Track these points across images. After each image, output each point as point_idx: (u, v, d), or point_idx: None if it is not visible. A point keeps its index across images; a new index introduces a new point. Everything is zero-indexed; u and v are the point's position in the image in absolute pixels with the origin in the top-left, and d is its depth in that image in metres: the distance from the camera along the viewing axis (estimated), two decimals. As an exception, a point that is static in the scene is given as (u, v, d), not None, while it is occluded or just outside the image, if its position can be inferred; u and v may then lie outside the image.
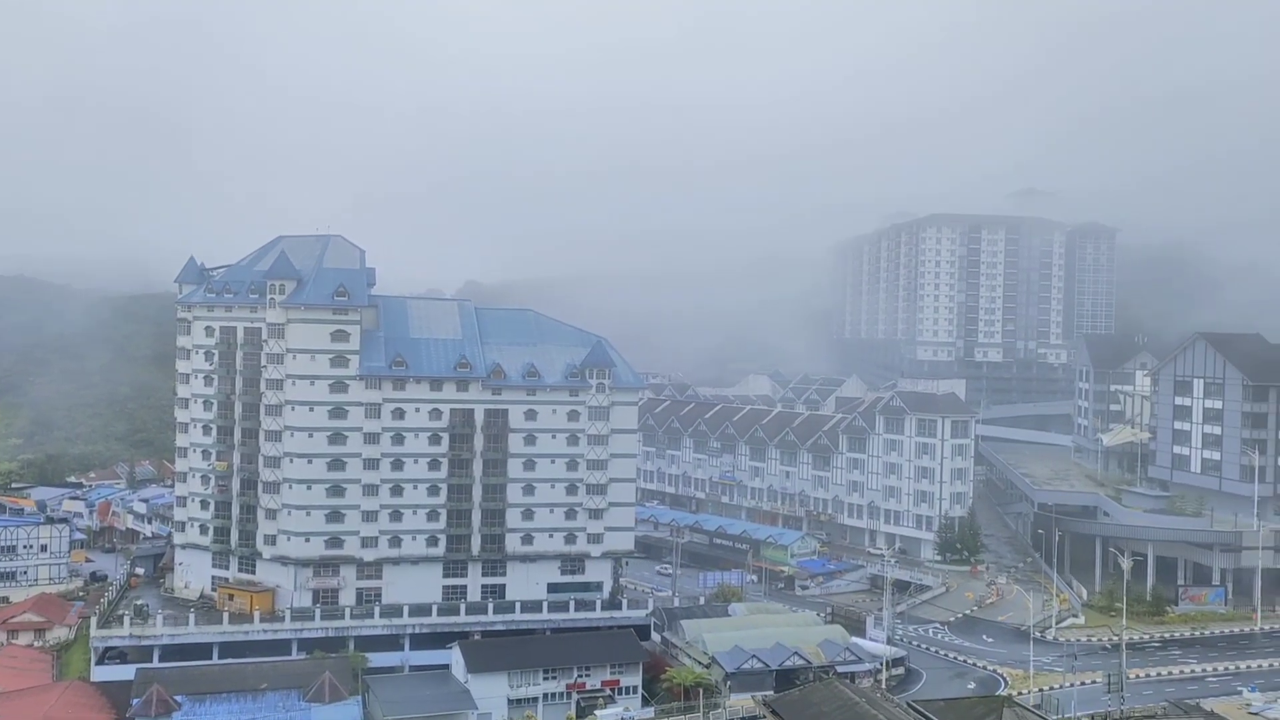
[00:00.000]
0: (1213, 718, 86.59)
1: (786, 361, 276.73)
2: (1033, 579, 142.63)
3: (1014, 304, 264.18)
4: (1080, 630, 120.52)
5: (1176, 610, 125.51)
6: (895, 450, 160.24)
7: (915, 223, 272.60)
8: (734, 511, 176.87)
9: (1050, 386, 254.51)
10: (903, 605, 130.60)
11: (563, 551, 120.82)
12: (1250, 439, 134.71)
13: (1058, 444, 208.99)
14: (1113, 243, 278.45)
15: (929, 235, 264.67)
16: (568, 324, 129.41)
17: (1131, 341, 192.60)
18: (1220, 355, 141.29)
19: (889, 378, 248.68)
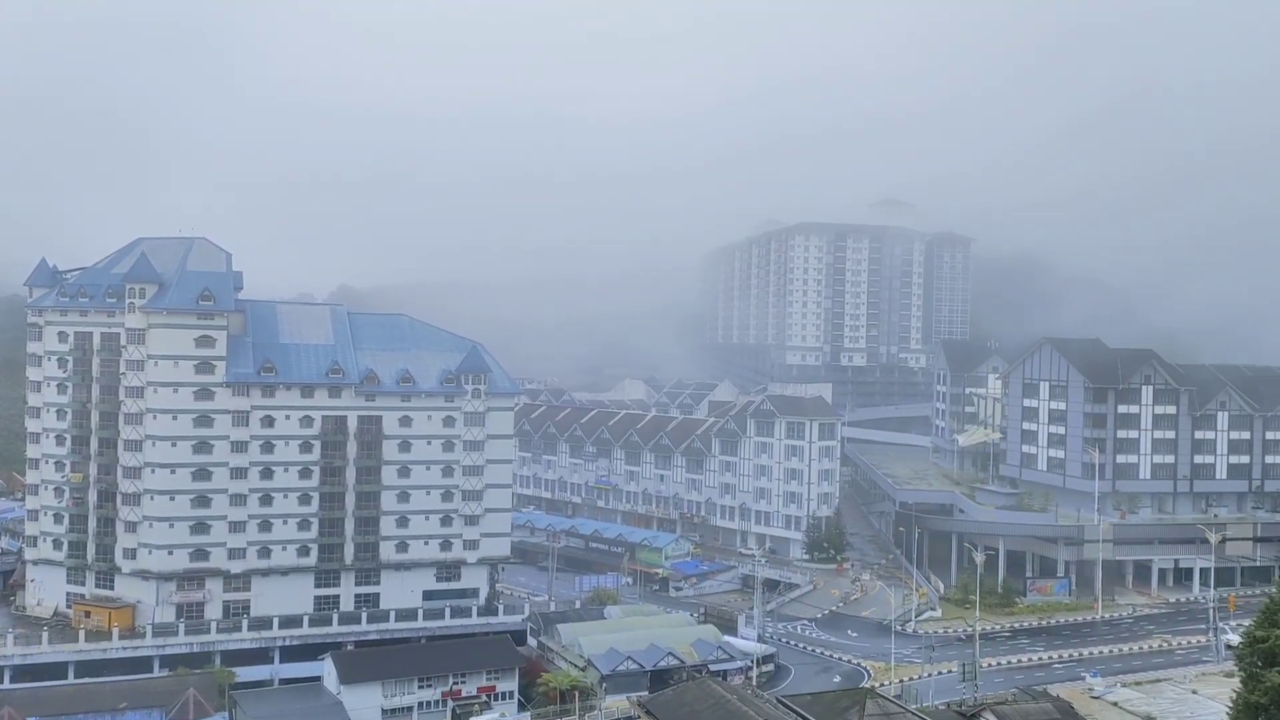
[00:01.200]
0: (1058, 702, 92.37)
1: (662, 367, 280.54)
2: (894, 575, 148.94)
3: (877, 310, 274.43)
4: (938, 623, 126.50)
5: (1025, 601, 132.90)
6: (765, 453, 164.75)
7: (784, 231, 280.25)
8: (610, 515, 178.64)
9: (911, 389, 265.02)
10: (773, 603, 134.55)
11: (438, 558, 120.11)
12: (1091, 438, 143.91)
13: (918, 445, 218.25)
14: (968, 252, 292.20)
15: (797, 243, 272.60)
16: (444, 330, 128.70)
17: (985, 346, 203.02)
18: (1064, 359, 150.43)
19: (760, 382, 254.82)
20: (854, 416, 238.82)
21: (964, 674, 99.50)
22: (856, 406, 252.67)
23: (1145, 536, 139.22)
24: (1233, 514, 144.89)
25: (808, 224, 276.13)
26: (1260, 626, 74.19)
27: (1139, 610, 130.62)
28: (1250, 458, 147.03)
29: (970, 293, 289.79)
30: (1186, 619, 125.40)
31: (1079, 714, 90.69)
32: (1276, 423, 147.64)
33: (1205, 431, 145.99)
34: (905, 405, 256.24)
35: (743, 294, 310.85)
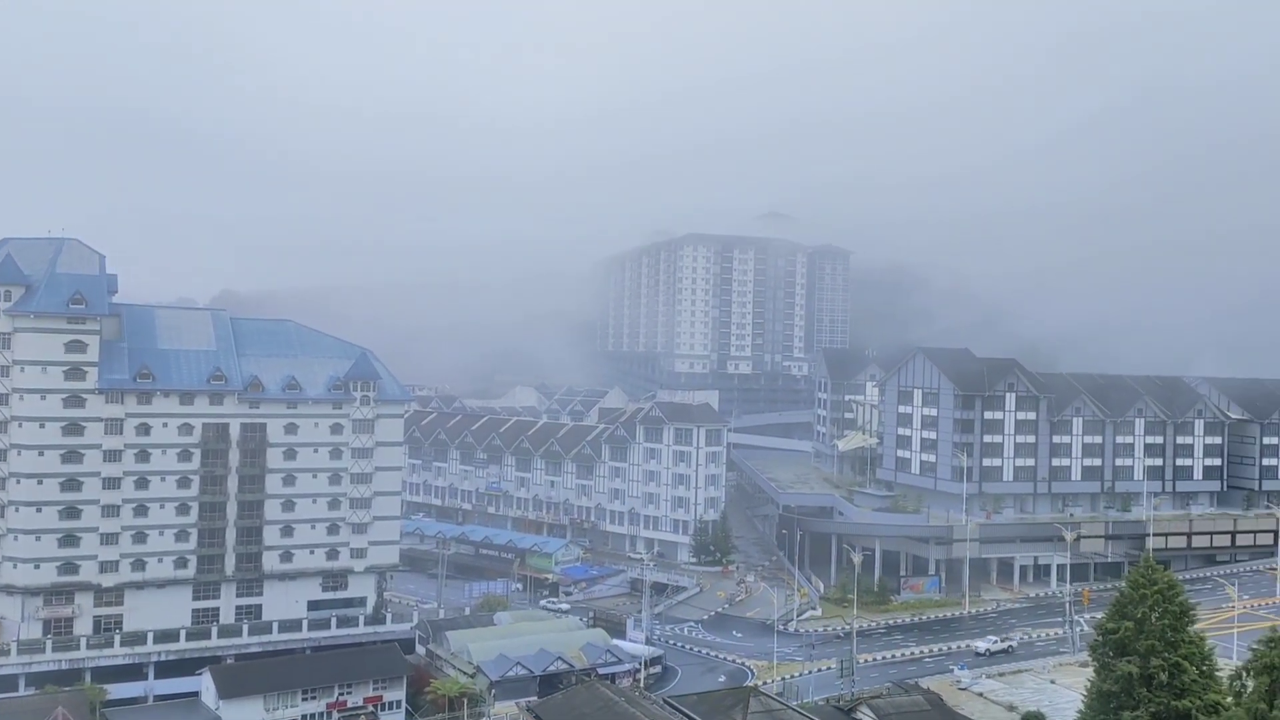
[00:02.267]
0: (929, 695, 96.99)
1: (553, 374, 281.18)
2: (778, 576, 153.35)
3: (762, 319, 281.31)
4: (818, 621, 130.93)
5: (899, 599, 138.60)
6: (654, 459, 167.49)
7: (674, 241, 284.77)
8: (500, 522, 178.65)
9: (794, 396, 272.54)
10: (660, 606, 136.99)
11: (324, 568, 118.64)
12: (959, 443, 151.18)
13: (801, 450, 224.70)
14: (847, 264, 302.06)
15: (686, 253, 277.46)
16: (331, 335, 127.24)
17: (863, 355, 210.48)
18: (935, 368, 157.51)
19: (650, 389, 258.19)
20: (740, 423, 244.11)
21: (842, 670, 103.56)
22: (742, 413, 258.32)
23: (1008, 535, 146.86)
24: (1086, 513, 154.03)
25: (696, 235, 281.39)
26: (1111, 619, 79.60)
27: (1003, 605, 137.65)
28: (1102, 460, 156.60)
29: (850, 303, 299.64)
30: (1045, 612, 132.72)
31: (948, 705, 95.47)
32: (1125, 428, 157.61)
33: (1062, 436, 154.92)
34: (789, 412, 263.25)
35: (633, 302, 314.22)
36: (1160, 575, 79.24)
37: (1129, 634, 76.99)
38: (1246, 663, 78.21)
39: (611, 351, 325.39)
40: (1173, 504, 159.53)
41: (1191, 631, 77.40)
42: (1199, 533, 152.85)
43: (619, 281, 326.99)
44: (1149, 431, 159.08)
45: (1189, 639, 76.51)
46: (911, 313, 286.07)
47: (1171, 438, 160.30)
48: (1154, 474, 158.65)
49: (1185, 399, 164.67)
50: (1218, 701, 74.73)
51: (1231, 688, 77.34)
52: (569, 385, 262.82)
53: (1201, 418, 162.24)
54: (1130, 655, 76.20)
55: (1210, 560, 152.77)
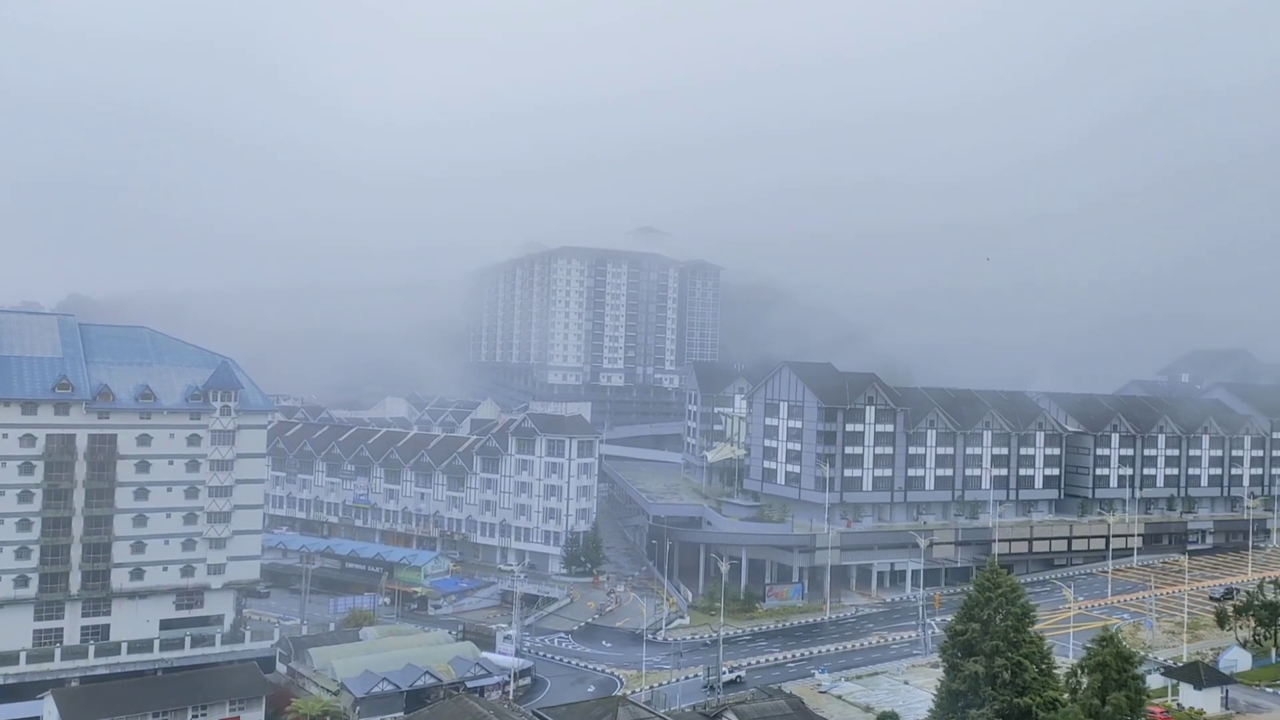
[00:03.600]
0: (791, 698, 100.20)
1: (425, 385, 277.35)
2: (647, 585, 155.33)
3: (635, 332, 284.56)
4: (686, 629, 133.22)
5: (764, 606, 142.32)
6: (526, 470, 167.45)
7: (548, 254, 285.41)
8: (368, 535, 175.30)
9: (665, 409, 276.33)
10: (531, 618, 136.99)
11: (179, 585, 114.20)
12: (823, 454, 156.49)
13: (671, 461, 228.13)
14: (718, 280, 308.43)
15: (560, 266, 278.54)
16: (190, 343, 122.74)
17: (732, 369, 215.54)
18: (800, 381, 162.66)
19: (522, 401, 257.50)
20: (612, 434, 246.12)
21: (708, 677, 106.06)
22: (614, 425, 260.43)
23: (867, 543, 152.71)
24: (939, 521, 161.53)
25: (570, 248, 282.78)
26: (960, 621, 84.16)
27: (861, 610, 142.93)
28: (953, 470, 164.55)
29: (720, 318, 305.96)
30: (900, 616, 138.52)
31: (808, 708, 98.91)
32: (974, 439, 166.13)
33: (917, 447, 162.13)
34: (660, 423, 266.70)
35: (507, 313, 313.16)
36: (1004, 579, 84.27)
37: (976, 635, 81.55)
38: (1081, 661, 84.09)
39: (485, 363, 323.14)
40: (1016, 511, 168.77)
41: (1032, 632, 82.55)
42: (1039, 538, 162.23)
43: (492, 292, 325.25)
44: (995, 443, 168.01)
45: (1030, 639, 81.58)
46: (779, 328, 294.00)
47: (1015, 449, 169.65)
48: (1000, 483, 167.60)
49: (1027, 413, 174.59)
50: (1055, 698, 79.86)
51: (1068, 684, 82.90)
52: (441, 396, 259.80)
53: (1042, 430, 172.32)
54: (977, 655, 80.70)
55: (1049, 564, 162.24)
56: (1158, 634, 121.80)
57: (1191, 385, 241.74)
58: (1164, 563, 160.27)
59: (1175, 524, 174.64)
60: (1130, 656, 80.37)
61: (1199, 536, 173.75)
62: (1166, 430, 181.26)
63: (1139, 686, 79.34)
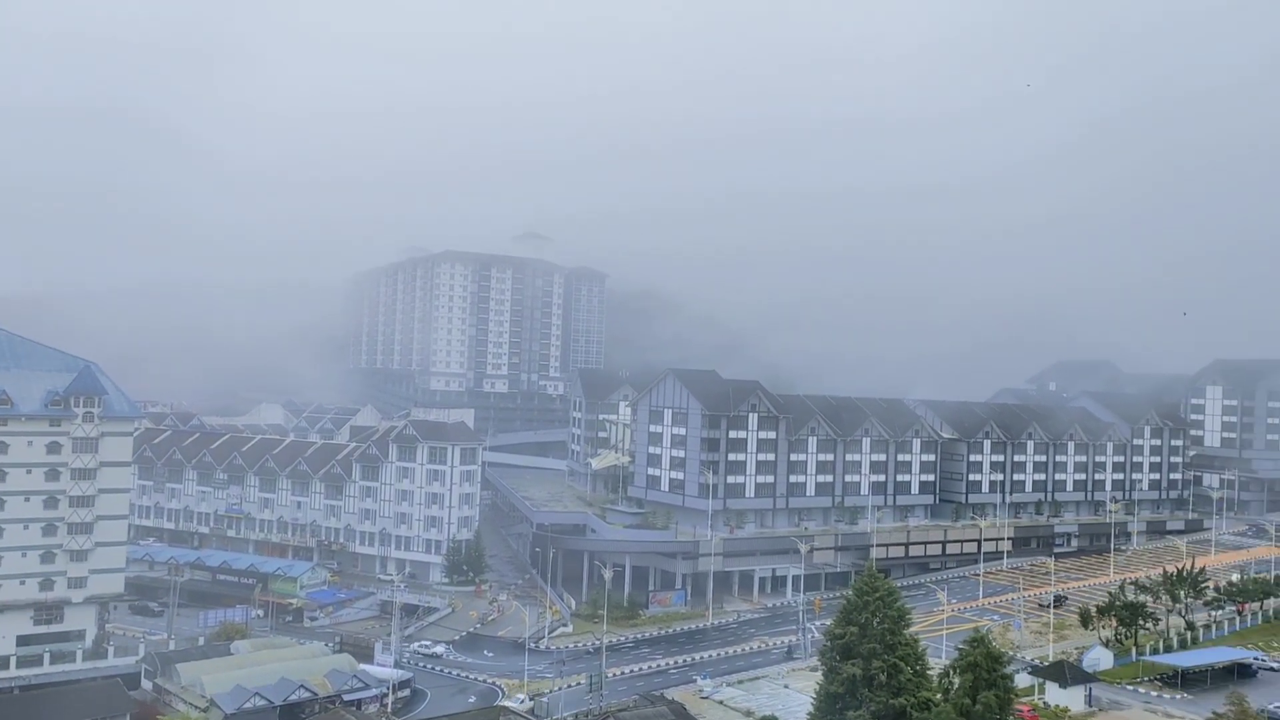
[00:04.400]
0: (673, 705, 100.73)
1: (302, 391, 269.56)
2: (530, 594, 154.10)
3: (519, 339, 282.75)
4: (569, 638, 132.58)
5: (648, 613, 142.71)
6: (407, 478, 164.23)
7: (431, 258, 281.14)
8: (241, 545, 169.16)
9: (550, 415, 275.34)
10: (411, 628, 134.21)
11: (37, 599, 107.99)
12: (706, 461, 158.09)
13: (555, 468, 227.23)
14: (604, 287, 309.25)
15: (444, 270, 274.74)
16: (50, 346, 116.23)
17: (617, 376, 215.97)
18: (685, 389, 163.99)
19: (404, 407, 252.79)
20: (496, 441, 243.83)
21: (591, 685, 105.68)
22: (498, 432, 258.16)
23: (749, 549, 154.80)
24: (819, 527, 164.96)
25: (454, 252, 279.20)
26: (839, 625, 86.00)
27: (743, 615, 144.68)
28: (833, 477, 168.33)
29: (606, 325, 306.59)
30: (782, 621, 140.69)
31: (690, 714, 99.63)
32: (854, 446, 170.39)
33: (799, 454, 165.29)
34: (544, 430, 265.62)
35: (389, 318, 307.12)
36: (881, 583, 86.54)
37: (854, 638, 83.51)
38: (954, 661, 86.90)
39: (365, 368, 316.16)
40: (893, 516, 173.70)
41: (908, 634, 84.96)
42: (915, 543, 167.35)
43: (373, 296, 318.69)
44: (874, 450, 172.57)
45: (905, 641, 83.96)
46: (665, 336, 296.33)
47: (893, 455, 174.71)
48: (878, 489, 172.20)
49: (905, 420, 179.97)
50: (929, 698, 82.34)
51: (941, 685, 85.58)
52: (319, 403, 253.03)
53: (919, 437, 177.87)
54: (854, 658, 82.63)
55: (925, 568, 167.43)
56: (1026, 634, 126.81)
57: (1059, 394, 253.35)
58: (1032, 565, 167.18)
59: (1043, 527, 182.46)
60: (999, 657, 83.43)
61: (1065, 539, 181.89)
62: (1035, 437, 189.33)
63: (1008, 685, 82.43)
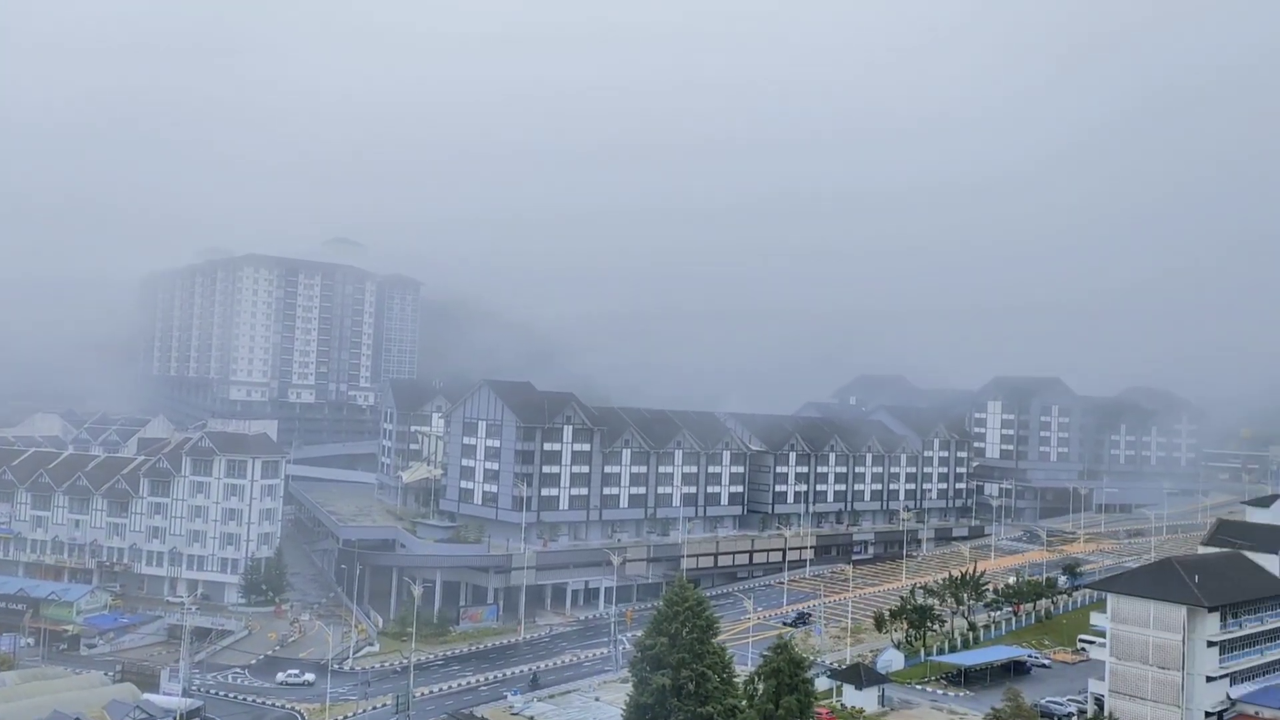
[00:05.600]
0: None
1: (84, 399, 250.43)
2: (335, 613, 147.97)
3: (328, 347, 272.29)
4: (376, 657, 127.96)
5: (458, 629, 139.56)
6: (202, 493, 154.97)
7: (232, 261, 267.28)
8: (10, 568, 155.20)
9: (359, 427, 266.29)
10: (203, 653, 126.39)
11: None
12: (520, 473, 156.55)
13: (364, 482, 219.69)
14: (417, 294, 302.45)
15: (247, 274, 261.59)
16: None
17: (431, 386, 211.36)
18: (500, 400, 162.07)
19: (200, 418, 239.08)
20: (301, 454, 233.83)
21: (398, 705, 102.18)
22: (304, 444, 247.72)
23: (563, 562, 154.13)
24: (632, 538, 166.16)
25: (258, 256, 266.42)
26: (649, 635, 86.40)
27: (555, 629, 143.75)
28: (646, 488, 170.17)
29: (420, 334, 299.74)
30: (594, 633, 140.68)
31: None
32: (667, 458, 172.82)
33: (613, 466, 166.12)
34: (353, 443, 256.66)
35: (184, 323, 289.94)
36: (690, 593, 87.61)
37: (664, 649, 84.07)
38: (758, 668, 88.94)
39: (157, 376, 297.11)
40: (704, 527, 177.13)
41: (716, 643, 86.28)
42: (724, 553, 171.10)
43: (167, 300, 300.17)
44: (686, 462, 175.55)
45: (713, 650, 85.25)
46: (481, 346, 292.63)
47: (704, 467, 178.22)
48: (689, 500, 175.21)
49: (716, 433, 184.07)
50: (735, 705, 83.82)
51: (746, 691, 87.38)
52: (103, 413, 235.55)
53: (728, 449, 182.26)
54: (664, 669, 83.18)
55: (733, 577, 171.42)
56: (826, 639, 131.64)
57: (859, 408, 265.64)
58: (832, 572, 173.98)
59: (842, 536, 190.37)
60: (801, 662, 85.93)
61: (862, 547, 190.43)
62: (837, 449, 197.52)
63: (808, 690, 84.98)
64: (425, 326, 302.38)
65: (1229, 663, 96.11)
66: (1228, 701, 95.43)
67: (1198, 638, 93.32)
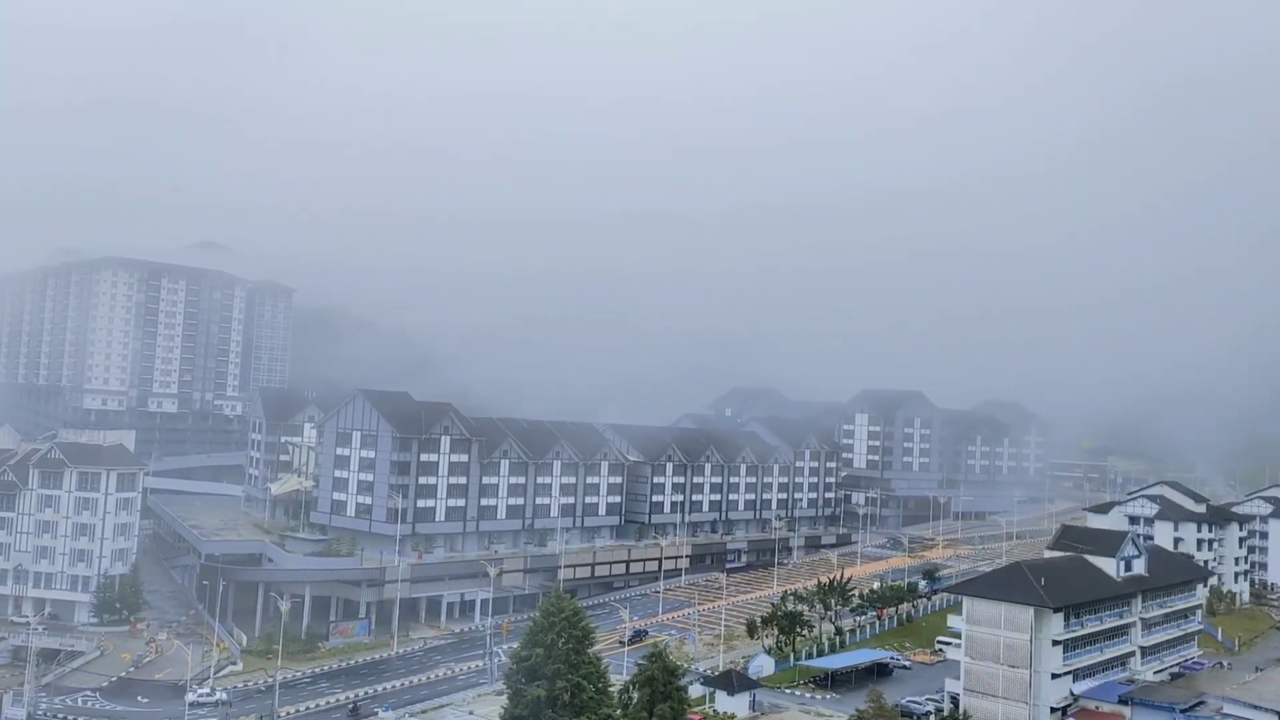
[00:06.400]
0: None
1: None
2: (196, 631, 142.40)
3: (193, 355, 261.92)
4: (239, 676, 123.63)
5: (328, 645, 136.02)
6: (51, 507, 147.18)
7: (88, 264, 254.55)
8: None
9: (226, 438, 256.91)
10: (50, 675, 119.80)
11: None
12: (396, 484, 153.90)
13: (231, 495, 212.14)
14: (290, 301, 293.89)
15: (104, 278, 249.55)
16: None
17: (303, 396, 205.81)
18: (375, 410, 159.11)
19: (51, 427, 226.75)
20: (162, 465, 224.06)
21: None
22: (165, 455, 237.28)
23: (438, 574, 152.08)
24: (509, 549, 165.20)
25: (117, 259, 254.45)
26: (525, 647, 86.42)
27: (429, 643, 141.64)
28: (524, 499, 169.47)
29: (292, 342, 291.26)
30: (469, 646, 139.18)
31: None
32: (545, 469, 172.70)
33: (491, 477, 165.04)
34: (219, 454, 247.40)
35: (34, 328, 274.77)
36: (567, 604, 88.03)
37: (539, 660, 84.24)
38: (633, 677, 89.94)
39: (4, 384, 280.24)
40: (581, 538, 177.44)
41: (591, 654, 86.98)
42: (601, 563, 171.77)
43: (16, 303, 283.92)
44: (564, 472, 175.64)
45: (589, 660, 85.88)
46: (356, 355, 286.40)
47: (582, 478, 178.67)
48: (567, 511, 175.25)
49: (595, 443, 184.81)
50: (610, 714, 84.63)
51: (621, 700, 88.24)
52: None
53: (607, 460, 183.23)
54: (540, 680, 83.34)
55: (609, 587, 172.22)
56: (699, 646, 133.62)
57: (734, 419, 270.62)
58: (707, 581, 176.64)
59: (717, 545, 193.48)
60: (675, 670, 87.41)
61: (736, 556, 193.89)
62: (712, 460, 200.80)
63: (681, 697, 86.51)
64: (298, 334, 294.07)
65: (1072, 660, 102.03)
66: (1071, 697, 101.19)
67: (1044, 637, 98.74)
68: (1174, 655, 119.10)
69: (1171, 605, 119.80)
